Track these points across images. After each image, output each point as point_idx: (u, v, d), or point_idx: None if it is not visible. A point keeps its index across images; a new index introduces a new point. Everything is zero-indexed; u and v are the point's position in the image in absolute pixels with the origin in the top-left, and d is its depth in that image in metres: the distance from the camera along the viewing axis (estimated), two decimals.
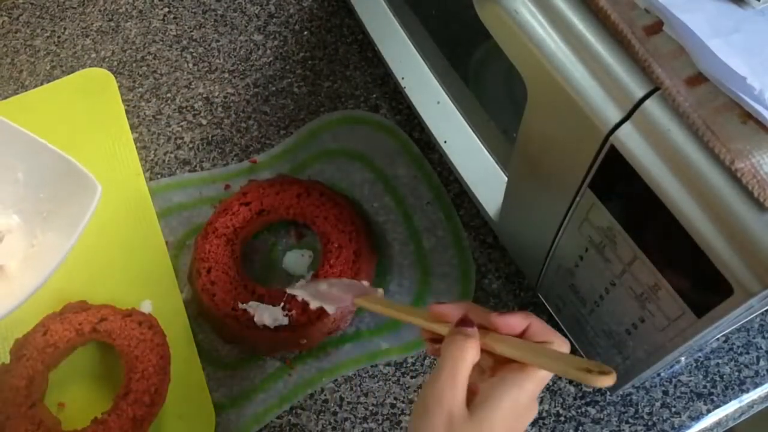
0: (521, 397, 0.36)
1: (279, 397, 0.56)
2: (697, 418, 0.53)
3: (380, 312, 0.45)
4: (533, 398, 0.37)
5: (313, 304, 0.51)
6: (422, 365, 0.57)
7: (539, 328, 0.39)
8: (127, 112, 0.71)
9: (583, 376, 0.34)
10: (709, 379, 0.55)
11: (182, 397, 0.56)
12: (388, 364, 0.57)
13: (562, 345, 0.38)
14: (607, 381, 0.34)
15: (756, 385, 0.54)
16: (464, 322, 0.39)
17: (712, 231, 0.30)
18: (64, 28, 0.77)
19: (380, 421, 0.55)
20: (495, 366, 0.38)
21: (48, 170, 0.59)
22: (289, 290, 0.53)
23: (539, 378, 0.37)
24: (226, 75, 0.73)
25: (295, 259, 0.62)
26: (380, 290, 0.48)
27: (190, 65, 0.74)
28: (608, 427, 0.54)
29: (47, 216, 0.60)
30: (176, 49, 0.75)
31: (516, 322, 0.38)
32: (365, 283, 0.50)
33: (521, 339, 0.38)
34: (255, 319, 0.56)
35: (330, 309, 0.50)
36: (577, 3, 0.34)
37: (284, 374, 0.57)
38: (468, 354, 0.37)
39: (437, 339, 0.41)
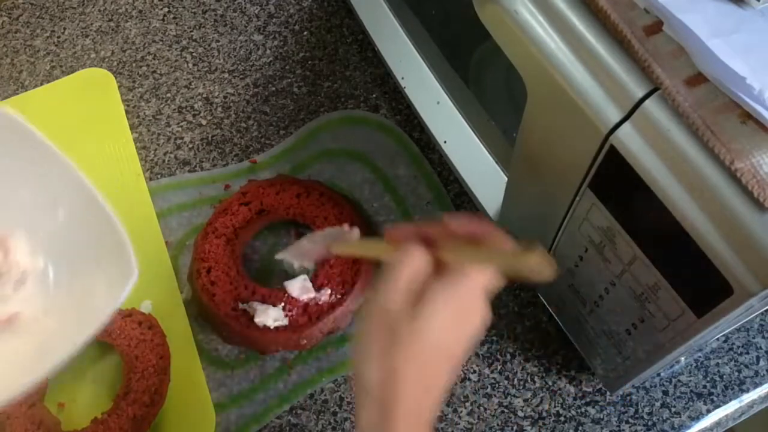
0: (459, 296, 0.35)
1: (279, 397, 0.56)
2: (697, 418, 0.53)
3: (354, 253, 0.45)
4: (474, 300, 0.36)
5: (296, 264, 0.50)
6: None
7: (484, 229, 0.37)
8: (126, 112, 0.71)
9: (517, 260, 0.34)
10: (709, 379, 0.55)
11: (182, 397, 0.56)
12: None
13: (504, 242, 0.37)
14: (536, 259, 0.33)
15: (756, 385, 0.54)
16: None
17: (711, 231, 0.30)
18: (64, 28, 0.77)
19: None
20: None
21: (91, 224, 0.49)
22: (276, 256, 0.52)
23: (477, 278, 0.35)
24: (226, 75, 0.73)
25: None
26: (356, 230, 0.47)
27: (190, 65, 0.74)
28: (608, 427, 0.54)
29: (75, 274, 0.50)
30: (176, 49, 0.75)
31: (469, 224, 0.37)
32: (345, 227, 0.49)
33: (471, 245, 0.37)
34: (255, 319, 0.56)
35: (309, 264, 0.50)
36: (576, 3, 0.34)
37: (284, 374, 0.57)
38: (409, 258, 0.36)
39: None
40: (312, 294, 0.57)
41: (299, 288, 0.57)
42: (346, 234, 0.47)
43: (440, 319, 0.34)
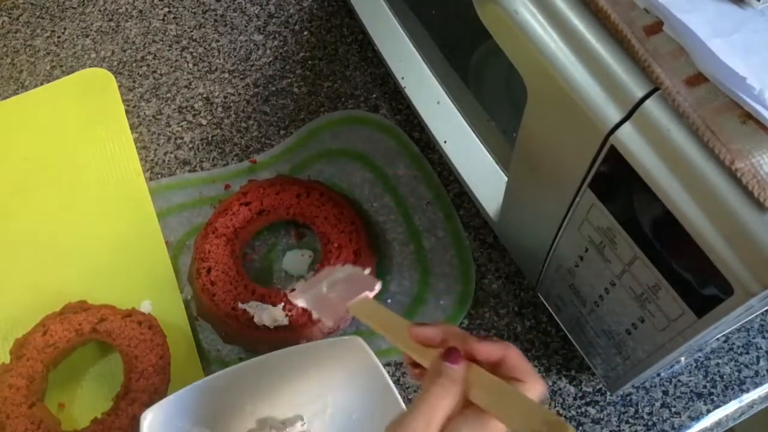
0: None
1: None
2: (697, 418, 0.53)
3: (372, 326, 0.43)
4: None
5: (314, 315, 0.49)
6: None
7: (516, 361, 0.37)
8: (127, 112, 0.71)
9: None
10: (709, 379, 0.55)
11: None
12: (388, 365, 0.57)
13: (535, 384, 0.37)
14: None
15: (756, 385, 0.54)
16: (451, 354, 0.37)
17: (712, 231, 0.30)
18: (64, 28, 0.77)
19: None
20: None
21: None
22: (290, 297, 0.50)
23: (500, 428, 0.35)
24: (226, 75, 0.73)
25: (295, 259, 0.62)
26: (378, 283, 0.46)
27: (190, 65, 0.74)
28: (608, 427, 0.54)
29: None
30: (176, 49, 0.75)
31: (494, 350, 0.37)
32: (367, 271, 0.48)
33: (496, 378, 0.36)
34: (255, 319, 0.56)
35: (328, 322, 0.50)
36: (577, 3, 0.34)
37: None
38: (448, 401, 0.35)
39: (419, 364, 0.40)
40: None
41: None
42: (368, 279, 0.46)
43: None
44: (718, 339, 0.56)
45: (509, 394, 0.35)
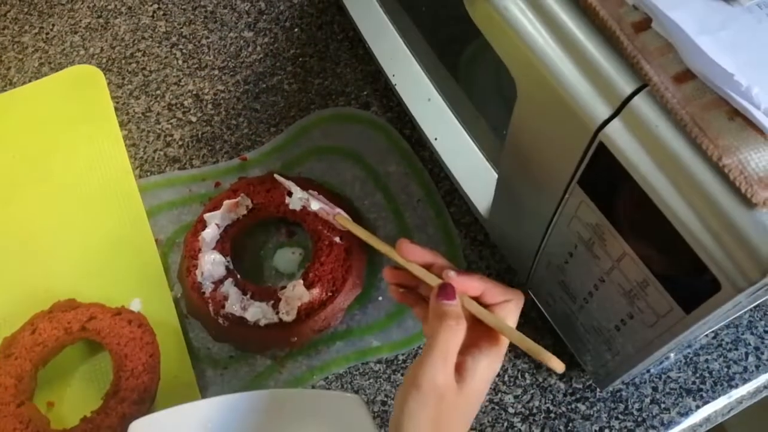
0: (495, 365, 0.42)
1: None
2: (686, 414, 0.54)
3: (359, 234, 0.50)
4: (502, 357, 0.43)
5: (314, 205, 0.57)
6: (413, 362, 0.57)
7: (497, 290, 0.43)
8: (116, 109, 0.70)
9: (543, 354, 0.40)
10: (698, 375, 0.55)
11: (172, 396, 0.55)
12: (379, 362, 0.57)
13: (519, 299, 0.44)
14: (558, 365, 0.41)
15: (745, 381, 0.54)
16: (446, 290, 0.42)
17: (699, 227, 0.30)
18: (53, 25, 0.77)
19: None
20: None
21: None
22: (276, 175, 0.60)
23: (505, 347, 0.42)
24: (216, 72, 0.73)
25: (286, 257, 0.62)
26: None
27: (180, 62, 0.73)
28: (598, 424, 0.54)
29: None
30: (166, 45, 0.75)
31: (474, 285, 0.43)
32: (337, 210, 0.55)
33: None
34: (245, 316, 0.56)
35: (310, 204, 0.57)
36: (566, 0, 0.34)
37: (275, 372, 0.57)
38: (459, 338, 0.40)
39: (403, 284, 0.46)
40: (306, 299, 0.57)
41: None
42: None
43: (482, 386, 0.41)
44: (707, 335, 0.56)
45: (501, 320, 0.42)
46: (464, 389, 0.40)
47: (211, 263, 0.58)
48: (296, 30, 0.75)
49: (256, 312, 0.56)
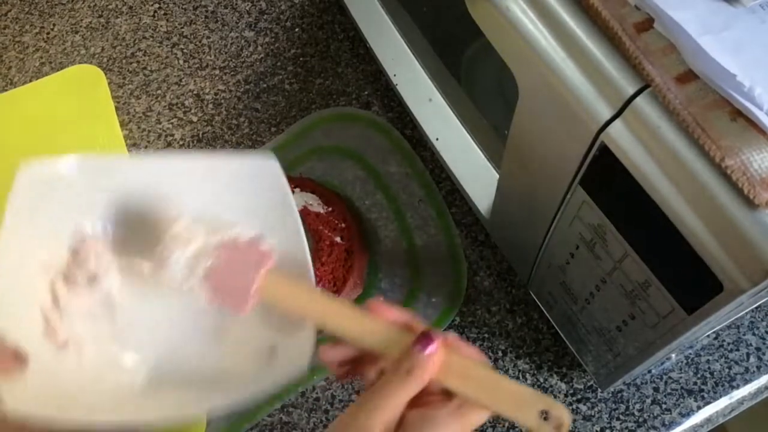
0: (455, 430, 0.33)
1: (270, 395, 0.56)
2: (687, 414, 0.54)
3: (292, 309, 0.37)
4: None
5: (210, 301, 0.38)
6: None
7: (463, 347, 0.35)
8: (116, 109, 0.70)
9: (539, 426, 0.32)
10: (699, 375, 0.55)
11: None
12: None
13: (483, 416, 0.34)
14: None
15: (746, 382, 0.54)
16: (426, 338, 0.33)
17: (702, 228, 0.30)
18: (54, 25, 0.77)
19: None
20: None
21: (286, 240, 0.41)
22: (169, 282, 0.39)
23: (474, 421, 0.33)
24: (217, 72, 0.72)
25: None
26: (269, 247, 0.38)
27: (181, 62, 0.73)
28: (599, 424, 0.54)
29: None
30: (166, 45, 0.75)
31: (471, 351, 0.35)
32: (248, 230, 0.39)
33: (479, 364, 0.34)
34: None
35: (234, 311, 0.38)
36: (568, 0, 0.34)
37: None
38: (410, 392, 0.32)
39: (346, 361, 0.36)
40: None
41: None
42: (251, 246, 0.38)
43: None
44: (708, 336, 0.56)
45: (496, 381, 0.33)
46: None
47: None
48: (297, 30, 0.75)
49: None
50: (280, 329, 0.40)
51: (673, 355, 0.55)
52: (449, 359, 0.34)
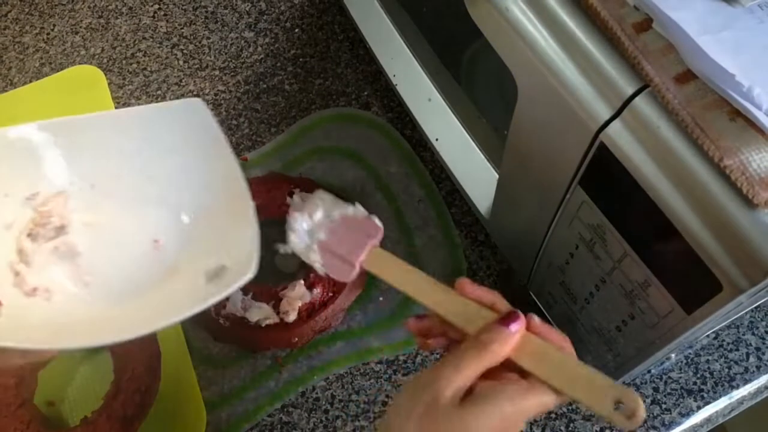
0: (516, 412, 0.33)
1: (270, 395, 0.56)
2: (687, 414, 0.54)
3: (390, 282, 0.41)
4: (523, 416, 0.34)
5: (320, 270, 0.45)
6: (413, 363, 0.57)
7: (543, 330, 0.36)
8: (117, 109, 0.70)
9: (610, 414, 0.31)
10: (699, 375, 0.55)
11: (173, 396, 0.55)
12: (380, 362, 0.57)
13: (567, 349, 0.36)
14: (632, 424, 0.31)
15: (746, 382, 0.54)
16: (511, 316, 0.35)
17: (701, 228, 0.30)
18: (54, 25, 0.77)
19: (371, 419, 0.55)
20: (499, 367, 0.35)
21: (230, 213, 0.48)
22: (293, 244, 0.47)
23: (542, 402, 0.33)
24: (217, 72, 0.73)
25: (287, 257, 0.61)
26: (381, 226, 0.43)
27: (181, 62, 0.73)
28: (599, 424, 0.54)
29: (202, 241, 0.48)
30: (166, 46, 0.75)
31: (555, 337, 0.35)
32: (362, 211, 0.45)
33: (544, 343, 0.35)
34: (246, 316, 0.56)
35: (341, 278, 0.44)
36: (567, 0, 0.34)
37: (275, 372, 0.57)
38: (486, 362, 0.34)
39: (429, 334, 0.39)
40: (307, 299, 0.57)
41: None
42: (365, 223, 0.43)
43: (488, 424, 0.33)
44: (708, 336, 0.56)
45: (572, 367, 0.34)
46: (464, 411, 0.33)
47: None
48: (297, 30, 0.75)
49: (257, 312, 0.56)
50: (226, 252, 0.46)
51: (673, 355, 0.55)
52: (527, 339, 0.35)
